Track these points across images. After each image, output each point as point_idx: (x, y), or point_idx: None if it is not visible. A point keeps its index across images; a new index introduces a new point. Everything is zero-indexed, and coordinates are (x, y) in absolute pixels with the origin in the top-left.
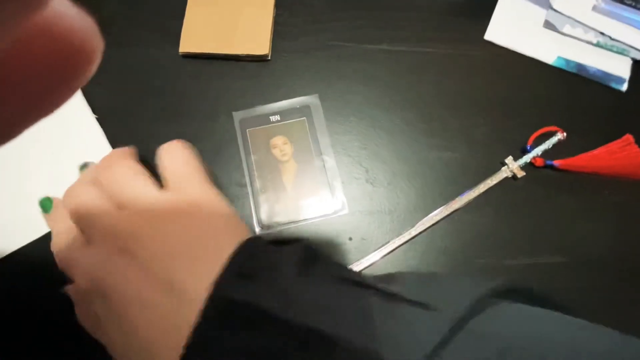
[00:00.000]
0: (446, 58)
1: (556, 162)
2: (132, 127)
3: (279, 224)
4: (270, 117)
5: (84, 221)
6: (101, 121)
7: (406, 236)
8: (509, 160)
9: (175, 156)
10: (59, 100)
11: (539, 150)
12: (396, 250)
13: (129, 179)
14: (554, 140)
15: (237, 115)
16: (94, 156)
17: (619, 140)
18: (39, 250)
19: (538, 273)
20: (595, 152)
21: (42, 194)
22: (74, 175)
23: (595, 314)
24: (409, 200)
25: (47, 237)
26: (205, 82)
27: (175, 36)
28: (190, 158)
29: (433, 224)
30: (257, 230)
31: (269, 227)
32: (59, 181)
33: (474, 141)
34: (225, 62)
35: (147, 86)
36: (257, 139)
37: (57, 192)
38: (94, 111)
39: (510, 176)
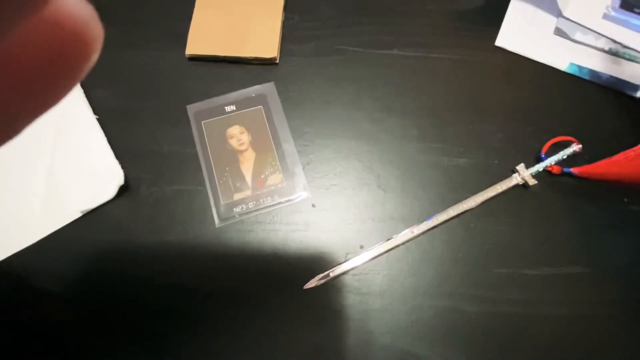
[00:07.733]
0: (458, 63)
1: (574, 170)
2: (133, 128)
3: (240, 214)
4: (226, 108)
5: None
6: (102, 122)
7: (406, 235)
8: (520, 167)
9: None
10: (61, 91)
11: (552, 159)
12: (404, 254)
13: None
14: (568, 151)
15: (192, 108)
16: (93, 157)
17: (637, 147)
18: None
19: (559, 284)
20: (614, 158)
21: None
22: (72, 176)
23: (624, 326)
24: (398, 201)
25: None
26: (211, 85)
27: (181, 38)
28: None
29: (437, 225)
30: (217, 222)
31: (227, 218)
32: (58, 182)
33: (488, 148)
34: (233, 65)
35: (151, 88)
36: (212, 131)
37: (54, 193)
38: (95, 111)
39: (521, 183)
